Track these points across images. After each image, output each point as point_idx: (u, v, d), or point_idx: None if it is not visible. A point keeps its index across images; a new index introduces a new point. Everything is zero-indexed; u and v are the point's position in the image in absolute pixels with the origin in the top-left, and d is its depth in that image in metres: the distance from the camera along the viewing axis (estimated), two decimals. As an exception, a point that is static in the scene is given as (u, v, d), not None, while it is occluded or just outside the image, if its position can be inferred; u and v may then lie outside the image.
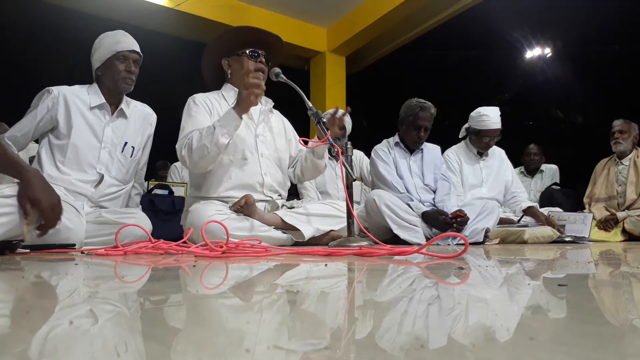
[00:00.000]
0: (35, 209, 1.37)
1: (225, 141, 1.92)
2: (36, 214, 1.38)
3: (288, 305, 0.56)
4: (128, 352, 0.34)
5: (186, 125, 2.06)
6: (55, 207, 1.42)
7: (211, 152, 1.92)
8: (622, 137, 3.54)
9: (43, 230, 1.41)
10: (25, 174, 1.40)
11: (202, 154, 1.92)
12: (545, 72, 8.00)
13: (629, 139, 3.53)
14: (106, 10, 4.57)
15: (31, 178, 1.39)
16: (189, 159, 1.97)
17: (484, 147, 3.24)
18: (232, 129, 1.94)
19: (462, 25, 5.63)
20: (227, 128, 1.92)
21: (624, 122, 3.58)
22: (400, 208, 2.50)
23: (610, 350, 0.33)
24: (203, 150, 1.92)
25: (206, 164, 1.99)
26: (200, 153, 1.93)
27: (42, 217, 1.39)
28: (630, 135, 3.54)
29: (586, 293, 0.65)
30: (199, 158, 1.94)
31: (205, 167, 2.01)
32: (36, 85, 2.10)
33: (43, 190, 1.40)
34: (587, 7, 6.53)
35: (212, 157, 1.95)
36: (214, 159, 1.97)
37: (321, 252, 1.44)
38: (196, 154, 1.94)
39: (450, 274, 0.88)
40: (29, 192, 1.37)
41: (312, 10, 5.28)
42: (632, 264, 1.18)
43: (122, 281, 0.82)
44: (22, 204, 1.36)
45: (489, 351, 0.33)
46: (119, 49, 2.07)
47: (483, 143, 3.21)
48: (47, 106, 2.01)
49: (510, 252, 1.70)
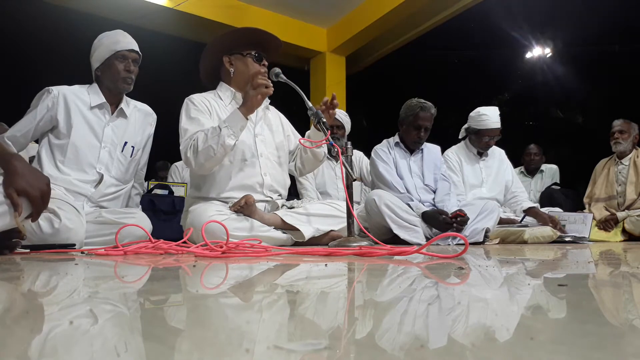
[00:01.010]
0: (23, 197, 1.31)
1: (232, 142, 1.92)
2: (26, 202, 1.33)
3: (288, 305, 0.56)
4: (128, 352, 0.34)
5: (189, 127, 2.04)
6: (44, 193, 1.36)
7: (217, 154, 1.92)
8: (622, 137, 3.54)
9: (34, 218, 1.38)
10: (8, 161, 1.33)
11: (208, 155, 1.92)
12: (545, 72, 8.01)
13: (629, 138, 3.53)
14: (106, 10, 4.57)
15: (16, 166, 1.33)
16: (194, 161, 1.96)
17: (484, 147, 3.24)
18: (238, 130, 1.94)
19: (462, 25, 5.64)
20: (233, 129, 1.92)
21: (623, 122, 3.58)
22: (400, 208, 2.49)
23: (610, 350, 0.33)
24: (209, 151, 1.91)
25: (212, 165, 1.99)
26: (207, 154, 1.92)
27: (31, 205, 1.34)
28: (630, 135, 3.54)
29: (586, 293, 0.65)
30: (205, 160, 1.94)
31: (210, 168, 2.01)
32: (36, 85, 2.10)
33: (29, 177, 1.34)
34: (587, 7, 6.53)
35: (219, 158, 1.95)
36: (220, 160, 1.97)
37: (321, 252, 1.44)
38: (202, 155, 1.93)
39: (450, 274, 0.88)
40: (14, 181, 1.31)
41: (312, 10, 5.27)
42: (632, 264, 1.18)
43: (122, 281, 0.82)
44: (9, 194, 1.30)
45: (489, 351, 0.33)
46: (118, 49, 2.07)
47: (483, 143, 3.21)
48: (47, 106, 2.01)
49: (510, 252, 1.70)
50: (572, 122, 8.51)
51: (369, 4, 5.07)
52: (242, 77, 2.16)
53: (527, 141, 4.69)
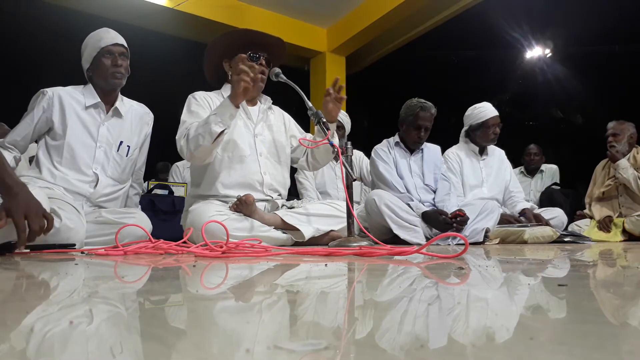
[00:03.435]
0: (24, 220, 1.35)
1: (219, 130, 1.90)
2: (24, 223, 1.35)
3: (288, 305, 0.56)
4: (127, 352, 0.34)
5: (187, 119, 2.07)
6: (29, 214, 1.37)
7: (205, 141, 1.90)
8: (616, 139, 3.52)
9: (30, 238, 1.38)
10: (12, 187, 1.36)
11: (197, 143, 1.92)
12: (545, 72, 8.01)
13: (623, 140, 3.51)
14: (106, 10, 4.57)
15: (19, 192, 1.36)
16: (186, 149, 1.98)
17: (491, 138, 3.23)
18: (227, 118, 1.92)
19: (462, 25, 5.63)
20: (221, 117, 1.91)
21: (617, 124, 3.56)
22: (400, 208, 2.49)
23: (610, 350, 0.33)
24: (198, 139, 1.92)
25: (201, 154, 1.97)
26: (196, 142, 1.93)
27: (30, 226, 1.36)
28: (624, 136, 3.51)
29: (586, 293, 0.65)
30: (195, 148, 1.94)
31: (201, 158, 2.01)
32: (36, 85, 2.10)
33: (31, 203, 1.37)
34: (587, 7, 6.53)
35: (206, 147, 1.93)
36: (208, 150, 1.95)
37: (321, 252, 1.44)
38: (192, 143, 1.94)
39: (450, 274, 0.88)
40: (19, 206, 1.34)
41: (312, 10, 5.27)
42: (632, 264, 1.18)
43: (122, 281, 0.82)
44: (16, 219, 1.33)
45: (489, 351, 0.33)
46: (102, 45, 2.08)
47: (490, 133, 3.20)
48: (43, 107, 2.02)
49: (510, 252, 1.70)
50: (572, 122, 8.51)
51: (369, 4, 5.07)
52: None
53: (527, 141, 4.69)
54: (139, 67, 2.19)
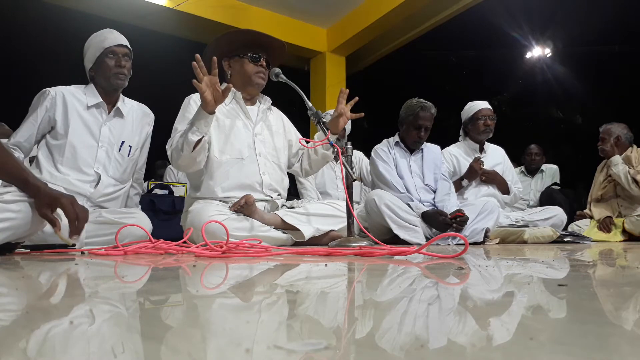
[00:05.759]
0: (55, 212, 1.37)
1: (195, 138, 1.89)
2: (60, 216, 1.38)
3: (288, 305, 0.56)
4: (127, 352, 0.34)
5: (178, 126, 2.07)
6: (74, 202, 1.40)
7: (184, 151, 1.91)
8: (602, 143, 3.53)
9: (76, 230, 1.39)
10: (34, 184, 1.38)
11: (178, 153, 1.94)
12: (545, 72, 8.00)
13: (608, 142, 3.50)
14: (106, 10, 4.57)
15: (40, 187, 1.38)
16: (171, 158, 2.01)
17: (483, 130, 3.24)
18: (202, 126, 1.90)
19: (462, 25, 5.63)
20: (197, 126, 1.89)
21: (604, 127, 3.56)
22: (400, 208, 2.49)
23: (610, 350, 0.33)
24: (179, 148, 1.93)
25: (184, 163, 1.97)
26: (177, 152, 1.94)
27: (67, 217, 1.38)
28: (610, 138, 3.50)
29: (586, 293, 0.65)
30: (177, 157, 1.95)
31: (184, 166, 2.01)
32: (36, 86, 2.10)
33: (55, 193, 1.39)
34: (587, 7, 6.53)
35: (186, 156, 1.92)
36: (190, 158, 1.94)
37: (321, 252, 1.44)
38: (175, 152, 1.96)
39: (450, 274, 0.88)
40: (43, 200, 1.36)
41: (312, 10, 5.27)
42: (631, 264, 1.18)
43: (122, 281, 0.82)
44: (44, 214, 1.36)
45: (489, 351, 0.33)
46: (106, 46, 2.08)
47: (481, 125, 3.24)
48: (46, 107, 2.02)
49: (510, 252, 1.70)
50: (572, 122, 8.51)
51: (369, 4, 5.06)
52: (239, 78, 2.18)
53: (527, 141, 4.69)
54: (139, 67, 2.19)
